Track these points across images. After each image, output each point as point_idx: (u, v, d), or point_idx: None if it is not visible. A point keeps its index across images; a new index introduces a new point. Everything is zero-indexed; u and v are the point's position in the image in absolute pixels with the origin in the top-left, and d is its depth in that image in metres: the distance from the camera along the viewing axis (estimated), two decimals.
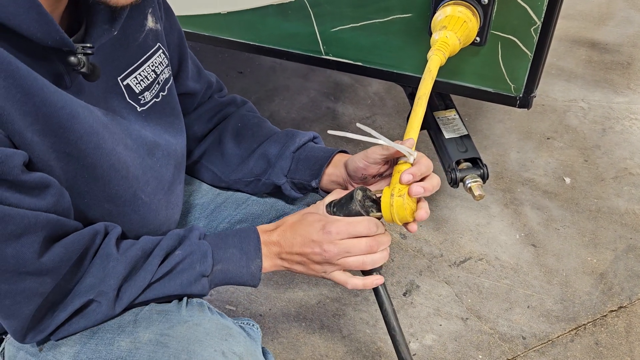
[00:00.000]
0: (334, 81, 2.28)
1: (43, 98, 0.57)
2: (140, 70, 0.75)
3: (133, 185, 0.70)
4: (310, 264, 0.76)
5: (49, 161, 0.60)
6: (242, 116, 0.95)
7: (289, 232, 0.76)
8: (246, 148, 0.91)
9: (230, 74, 2.36)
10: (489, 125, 2.03)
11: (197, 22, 1.31)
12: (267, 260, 0.76)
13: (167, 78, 0.81)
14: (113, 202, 0.69)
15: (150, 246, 0.69)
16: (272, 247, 0.76)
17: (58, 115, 0.59)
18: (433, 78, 0.91)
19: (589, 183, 1.80)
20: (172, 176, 0.80)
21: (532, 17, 0.99)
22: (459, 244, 1.62)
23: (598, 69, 2.30)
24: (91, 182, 0.65)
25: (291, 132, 0.92)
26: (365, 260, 0.75)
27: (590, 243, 1.61)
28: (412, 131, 0.83)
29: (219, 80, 0.99)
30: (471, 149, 1.31)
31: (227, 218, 0.95)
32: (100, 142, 0.64)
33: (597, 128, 2.01)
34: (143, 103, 0.75)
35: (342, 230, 0.73)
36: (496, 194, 1.77)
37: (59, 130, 0.59)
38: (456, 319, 1.42)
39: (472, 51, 1.07)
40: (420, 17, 1.07)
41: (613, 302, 1.45)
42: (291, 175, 0.88)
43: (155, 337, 0.66)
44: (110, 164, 0.66)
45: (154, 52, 0.77)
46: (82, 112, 0.62)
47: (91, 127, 0.63)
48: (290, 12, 1.18)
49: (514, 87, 1.09)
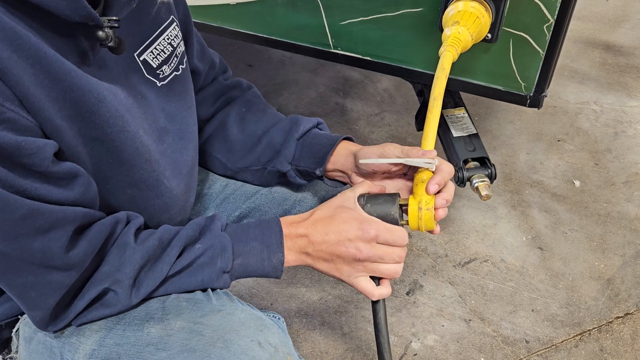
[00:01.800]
0: (344, 77, 2.26)
1: (71, 83, 0.57)
2: (156, 44, 0.74)
3: (156, 169, 0.70)
4: (339, 263, 0.72)
5: (76, 147, 0.60)
6: (246, 101, 0.94)
7: (320, 226, 0.72)
8: (251, 135, 0.89)
9: (240, 66, 2.35)
10: (499, 126, 2.00)
11: (207, 12, 1.30)
12: (291, 254, 0.72)
13: (183, 51, 0.80)
14: (137, 187, 0.68)
15: (168, 236, 0.68)
16: (298, 241, 0.72)
17: (85, 100, 0.59)
18: (447, 76, 0.88)
19: (598, 187, 1.77)
20: (192, 159, 0.79)
21: (545, 14, 0.96)
22: (465, 244, 1.60)
23: (612, 72, 2.27)
24: (115, 166, 0.65)
25: (295, 118, 0.90)
26: (398, 270, 0.74)
27: (598, 248, 1.58)
28: (430, 134, 0.81)
29: (223, 61, 0.97)
30: (479, 149, 1.29)
31: (235, 211, 0.94)
32: (124, 125, 0.64)
33: (609, 131, 1.98)
34: (162, 77, 0.74)
35: (381, 234, 0.71)
36: (504, 195, 1.74)
37: (86, 115, 0.59)
38: (459, 320, 1.40)
39: (483, 48, 1.05)
40: (431, 11, 1.05)
41: (619, 308, 1.43)
42: (296, 163, 0.87)
43: (188, 324, 0.65)
44: (135, 147, 0.65)
45: (168, 24, 0.76)
46: (108, 96, 0.62)
47: (117, 111, 0.63)
48: (300, 3, 1.17)
49: (524, 85, 1.07)
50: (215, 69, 0.94)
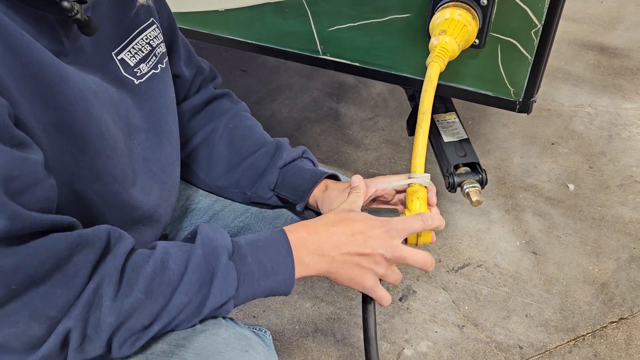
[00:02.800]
0: (337, 81, 2.25)
1: (31, 57, 0.54)
2: (134, 44, 0.73)
3: (122, 160, 0.67)
4: (366, 268, 0.67)
5: (35, 130, 0.55)
6: (235, 116, 0.92)
7: (342, 227, 0.67)
8: (235, 154, 0.88)
9: (234, 72, 2.35)
10: (492, 130, 2.00)
11: (195, 19, 1.30)
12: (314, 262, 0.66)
13: (163, 53, 0.79)
14: (103, 180, 0.64)
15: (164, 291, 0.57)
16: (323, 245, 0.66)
17: (46, 76, 0.56)
18: (434, 88, 0.88)
19: (593, 190, 1.76)
20: (167, 157, 0.77)
21: (532, 20, 0.96)
22: (458, 249, 1.59)
23: (606, 74, 2.26)
24: (79, 156, 0.60)
25: (280, 143, 0.88)
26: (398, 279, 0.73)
27: (593, 252, 1.58)
28: (420, 150, 0.81)
29: (214, 70, 0.96)
30: (470, 154, 1.28)
31: (224, 229, 0.91)
32: (89, 108, 0.61)
33: (603, 134, 1.97)
34: (140, 75, 0.74)
35: (400, 227, 0.69)
36: (498, 199, 1.74)
37: (47, 94, 0.56)
38: (452, 326, 1.39)
39: (471, 53, 1.04)
40: (418, 17, 1.04)
41: (614, 313, 1.42)
42: (277, 190, 0.86)
43: (169, 347, 0.61)
44: (99, 131, 0.62)
45: (147, 25, 0.76)
46: (71, 76, 0.59)
47: (80, 92, 0.60)
48: (287, 10, 1.16)
49: (513, 91, 1.06)
50: (203, 74, 0.92)
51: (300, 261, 0.65)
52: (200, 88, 0.93)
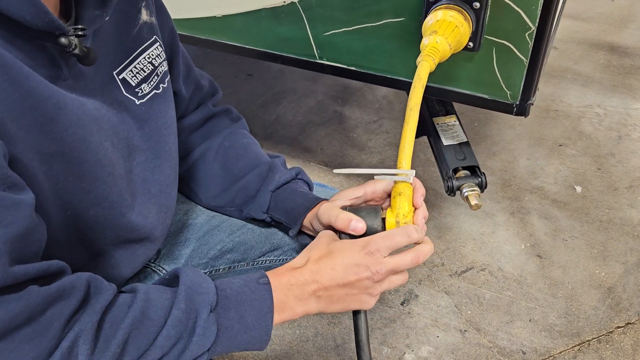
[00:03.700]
0: (343, 84, 2.25)
1: (29, 88, 0.54)
2: (136, 63, 0.73)
3: (119, 184, 0.67)
4: (357, 294, 0.67)
5: (32, 161, 0.55)
6: (231, 134, 0.91)
7: (324, 264, 0.67)
8: (229, 173, 0.88)
9: (239, 76, 2.36)
10: (499, 131, 1.98)
11: (194, 25, 1.30)
12: (300, 305, 0.66)
13: (165, 71, 0.78)
14: (100, 205, 0.65)
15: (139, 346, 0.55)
16: (307, 288, 0.66)
17: (44, 107, 0.55)
18: (423, 86, 0.87)
19: (601, 192, 1.73)
20: (166, 179, 0.77)
21: (526, 22, 0.95)
22: (462, 253, 1.58)
23: (617, 74, 2.23)
24: (76, 184, 0.60)
25: (273, 166, 0.87)
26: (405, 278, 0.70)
27: (600, 255, 1.55)
28: (406, 146, 0.80)
29: (213, 84, 0.94)
30: (470, 157, 1.27)
31: (218, 244, 0.90)
32: (86, 135, 0.61)
33: (612, 135, 1.94)
34: (141, 95, 0.73)
35: (381, 245, 0.67)
36: (503, 202, 1.72)
37: (45, 123, 0.56)
38: (454, 331, 1.38)
39: (467, 57, 1.04)
40: (412, 21, 1.04)
41: (620, 317, 1.40)
42: (271, 213, 0.85)
43: None
44: (97, 159, 0.62)
45: (149, 44, 0.75)
46: (70, 103, 0.59)
47: (78, 119, 0.60)
48: (283, 15, 1.16)
49: (510, 94, 1.05)
50: (201, 91, 0.91)
51: (289, 309, 0.65)
52: (199, 105, 0.92)
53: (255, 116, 2.12)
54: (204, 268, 0.89)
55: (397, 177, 0.75)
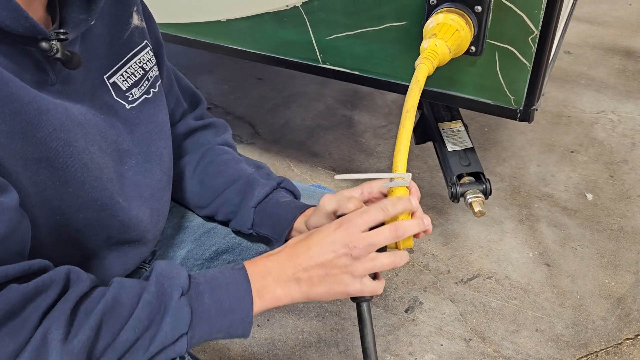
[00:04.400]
0: (352, 89, 2.24)
1: (9, 93, 0.54)
2: (127, 67, 0.73)
3: (109, 187, 0.66)
4: (338, 274, 0.65)
5: (15, 167, 0.56)
6: (210, 150, 0.90)
7: (300, 247, 0.66)
8: (208, 190, 0.87)
9: (250, 80, 2.37)
10: (509, 137, 1.95)
11: (199, 29, 1.31)
12: (279, 287, 0.65)
13: (156, 76, 0.78)
14: (89, 209, 0.65)
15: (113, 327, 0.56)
16: (285, 270, 0.65)
17: (25, 112, 0.55)
18: (421, 88, 0.86)
19: (612, 200, 1.69)
20: (158, 183, 0.77)
21: (529, 26, 0.93)
22: (468, 260, 1.55)
23: (632, 79, 2.18)
24: (63, 189, 0.61)
25: (252, 180, 0.86)
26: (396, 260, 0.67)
27: (610, 264, 1.51)
28: (402, 149, 0.79)
29: (195, 97, 0.93)
30: (475, 163, 1.25)
31: (214, 246, 0.90)
32: (71, 139, 0.60)
33: (626, 142, 1.90)
34: (132, 100, 0.73)
35: (357, 221, 0.65)
36: (512, 209, 1.69)
37: (27, 129, 0.56)
38: (458, 339, 1.36)
39: (469, 61, 1.02)
40: (414, 25, 1.03)
41: (630, 329, 1.36)
42: (256, 229, 0.84)
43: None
44: (83, 163, 0.62)
45: (140, 49, 0.75)
46: (52, 108, 0.59)
47: (62, 124, 0.59)
48: (286, 19, 1.16)
49: (513, 99, 1.03)
50: (183, 106, 0.90)
51: (269, 292, 0.64)
52: (180, 119, 0.91)
53: (265, 120, 2.13)
54: (199, 269, 0.89)
55: (394, 181, 0.75)
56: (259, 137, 2.05)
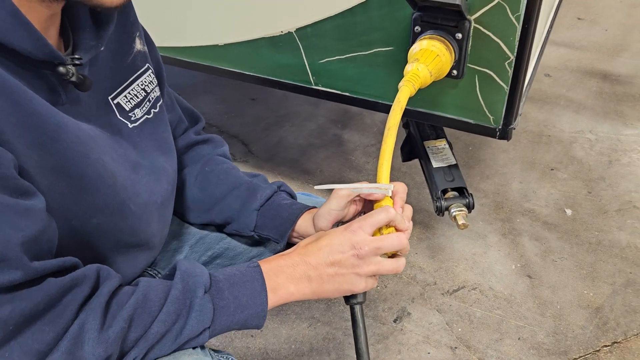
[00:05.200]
0: (343, 109, 2.33)
1: (32, 109, 0.59)
2: (130, 89, 0.78)
3: (121, 193, 0.71)
4: (346, 274, 0.72)
5: (35, 176, 0.61)
6: (211, 160, 0.96)
7: (310, 248, 0.73)
8: (209, 196, 0.93)
9: (244, 100, 2.44)
10: (493, 155, 2.04)
11: (198, 52, 1.39)
12: (292, 284, 0.71)
13: (157, 96, 0.84)
14: (102, 212, 0.70)
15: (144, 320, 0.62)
16: (297, 269, 0.72)
17: (45, 126, 0.61)
18: (402, 109, 0.94)
19: (590, 215, 1.78)
20: (165, 192, 0.83)
21: (505, 52, 1.02)
22: (454, 272, 1.62)
23: (608, 101, 2.29)
24: (78, 195, 0.66)
25: (253, 186, 0.92)
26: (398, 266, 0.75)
27: (588, 276, 1.59)
28: (385, 163, 0.87)
29: (194, 115, 0.99)
30: (458, 179, 1.33)
31: (209, 251, 0.96)
32: (87, 151, 0.66)
33: (603, 160, 1.99)
34: (134, 120, 0.78)
35: (363, 224, 0.72)
36: (495, 223, 1.77)
37: (47, 142, 0.61)
38: (445, 348, 1.42)
39: (452, 84, 1.10)
40: (401, 50, 1.11)
41: (607, 337, 1.43)
42: (258, 231, 0.90)
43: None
44: (97, 172, 0.67)
45: (143, 72, 0.81)
46: (69, 123, 0.64)
47: (78, 138, 0.65)
48: (281, 44, 1.24)
49: (492, 118, 1.12)
50: (184, 123, 0.97)
51: (282, 288, 0.71)
52: (182, 134, 0.98)
53: (259, 138, 2.20)
54: None
55: (378, 190, 0.81)
56: (252, 155, 2.12)
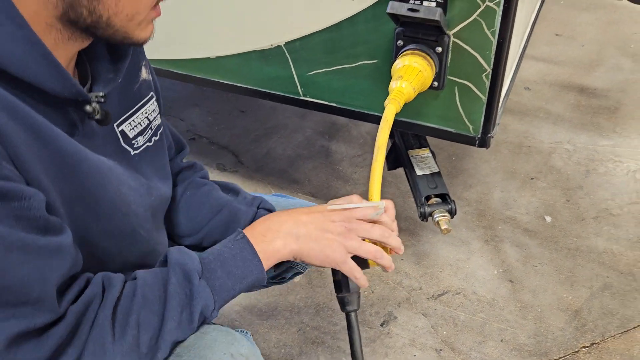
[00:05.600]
0: (330, 121, 2.39)
1: (57, 146, 0.63)
2: (134, 117, 0.81)
3: (132, 221, 0.76)
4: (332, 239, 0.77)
5: (59, 208, 0.65)
6: (193, 184, 0.99)
7: (302, 210, 0.80)
8: (192, 222, 0.95)
9: (233, 112, 2.49)
10: (475, 165, 2.10)
11: (190, 65, 1.44)
12: (280, 240, 0.76)
13: (159, 124, 0.87)
14: (113, 238, 0.74)
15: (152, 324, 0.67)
16: (285, 225, 0.77)
17: (69, 162, 0.65)
18: (390, 127, 1.00)
19: (569, 222, 1.85)
20: (162, 216, 0.89)
21: (482, 65, 1.08)
22: (438, 277, 1.67)
23: (585, 113, 2.38)
24: (91, 221, 0.70)
25: (234, 210, 0.94)
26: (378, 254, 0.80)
27: (567, 280, 1.65)
28: (376, 181, 0.93)
29: (181, 141, 1.02)
30: (441, 186, 1.39)
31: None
32: (105, 182, 0.70)
33: (581, 169, 2.07)
34: (137, 147, 0.81)
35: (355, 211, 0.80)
36: (478, 230, 1.83)
37: (69, 174, 0.65)
38: (430, 350, 1.47)
39: (434, 95, 1.17)
40: (385, 63, 1.17)
41: (585, 338, 1.49)
42: None
43: None
44: (113, 202, 0.71)
45: (147, 100, 0.84)
46: (90, 156, 0.68)
47: (98, 169, 0.69)
48: (271, 57, 1.30)
49: (472, 128, 1.18)
50: (172, 149, 0.99)
51: (270, 246, 0.75)
52: (171, 160, 0.98)
53: (248, 150, 2.24)
54: None
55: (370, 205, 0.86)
56: (242, 165, 2.17)
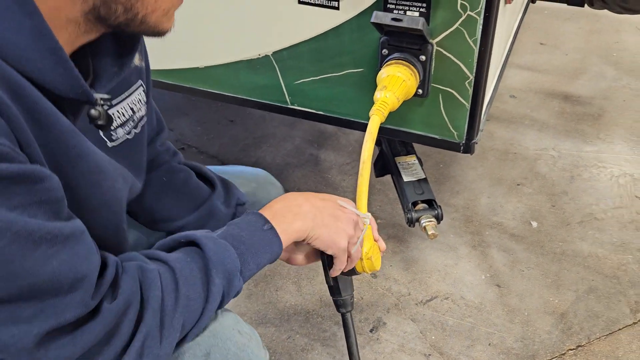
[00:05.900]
0: (318, 129, 2.41)
1: (59, 134, 0.59)
2: (119, 107, 0.76)
3: (118, 217, 0.75)
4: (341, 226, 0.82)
5: None
6: (168, 170, 0.96)
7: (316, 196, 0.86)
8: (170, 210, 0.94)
9: (222, 122, 2.50)
10: (462, 172, 2.13)
11: (179, 75, 1.45)
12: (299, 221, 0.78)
13: (142, 116, 0.81)
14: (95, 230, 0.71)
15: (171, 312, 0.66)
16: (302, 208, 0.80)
17: (68, 154, 0.61)
18: (374, 139, 1.03)
19: (555, 227, 1.87)
20: None
21: (465, 72, 1.11)
22: (427, 283, 1.69)
23: (570, 120, 2.42)
24: (78, 213, 0.65)
25: (213, 210, 0.94)
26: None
27: (553, 284, 1.67)
28: (362, 193, 0.96)
29: (161, 120, 0.97)
30: (427, 192, 1.41)
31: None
32: (100, 180, 0.67)
33: (565, 175, 2.10)
34: (114, 139, 0.76)
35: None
36: (465, 236, 1.85)
37: (66, 166, 0.62)
38: (419, 355, 1.48)
39: (418, 102, 1.19)
40: (370, 72, 1.19)
41: (572, 341, 1.51)
42: None
43: None
44: (105, 200, 0.69)
45: (134, 89, 0.79)
46: (90, 153, 0.65)
47: (97, 166, 0.66)
48: (259, 66, 1.32)
49: (456, 134, 1.20)
50: (153, 130, 0.95)
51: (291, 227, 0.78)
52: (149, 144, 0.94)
53: (238, 159, 2.25)
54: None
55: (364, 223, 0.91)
56: None
